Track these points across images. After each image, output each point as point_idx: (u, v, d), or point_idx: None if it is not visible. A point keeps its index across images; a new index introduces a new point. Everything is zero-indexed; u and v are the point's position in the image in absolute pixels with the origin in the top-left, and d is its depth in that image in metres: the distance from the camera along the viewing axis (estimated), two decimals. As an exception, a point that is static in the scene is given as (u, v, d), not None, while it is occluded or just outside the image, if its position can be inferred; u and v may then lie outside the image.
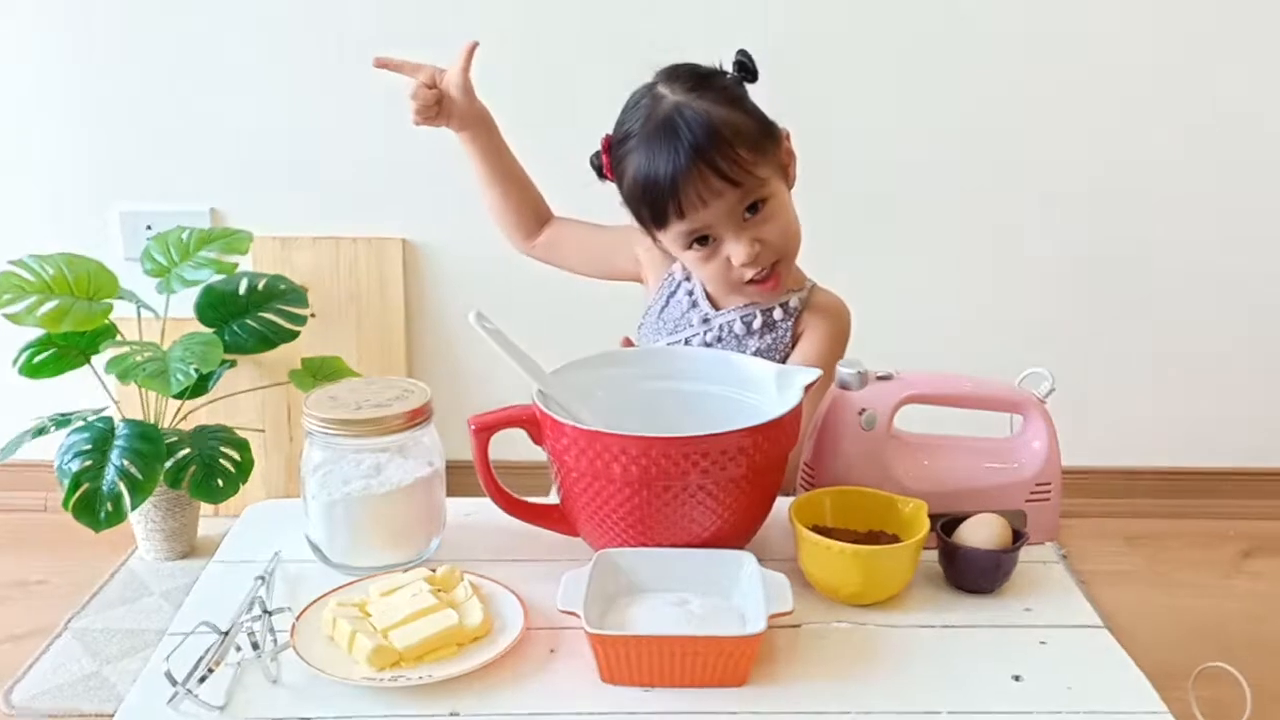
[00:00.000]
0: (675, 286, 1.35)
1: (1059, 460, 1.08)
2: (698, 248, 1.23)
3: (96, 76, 2.15)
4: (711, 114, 1.18)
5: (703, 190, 1.17)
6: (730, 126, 1.18)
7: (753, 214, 1.21)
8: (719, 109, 1.19)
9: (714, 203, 1.18)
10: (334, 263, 2.25)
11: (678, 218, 1.19)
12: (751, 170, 1.18)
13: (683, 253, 1.25)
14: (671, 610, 0.89)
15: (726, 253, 1.22)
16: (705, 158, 1.16)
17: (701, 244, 1.22)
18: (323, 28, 2.13)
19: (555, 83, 2.15)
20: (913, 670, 0.89)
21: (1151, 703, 0.86)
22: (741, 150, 1.18)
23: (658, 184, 1.18)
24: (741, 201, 1.19)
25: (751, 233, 1.21)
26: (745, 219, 1.20)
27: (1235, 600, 2.08)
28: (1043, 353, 2.10)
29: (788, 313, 1.29)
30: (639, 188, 1.21)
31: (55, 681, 1.78)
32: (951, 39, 2.14)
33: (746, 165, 1.18)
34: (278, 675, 0.87)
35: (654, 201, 1.20)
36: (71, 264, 1.92)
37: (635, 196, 1.22)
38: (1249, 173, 2.21)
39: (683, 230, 1.21)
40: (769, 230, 1.21)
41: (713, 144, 1.16)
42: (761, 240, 1.21)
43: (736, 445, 0.93)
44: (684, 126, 1.18)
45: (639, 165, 1.20)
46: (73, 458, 1.84)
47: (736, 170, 1.17)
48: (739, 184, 1.18)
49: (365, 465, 1.01)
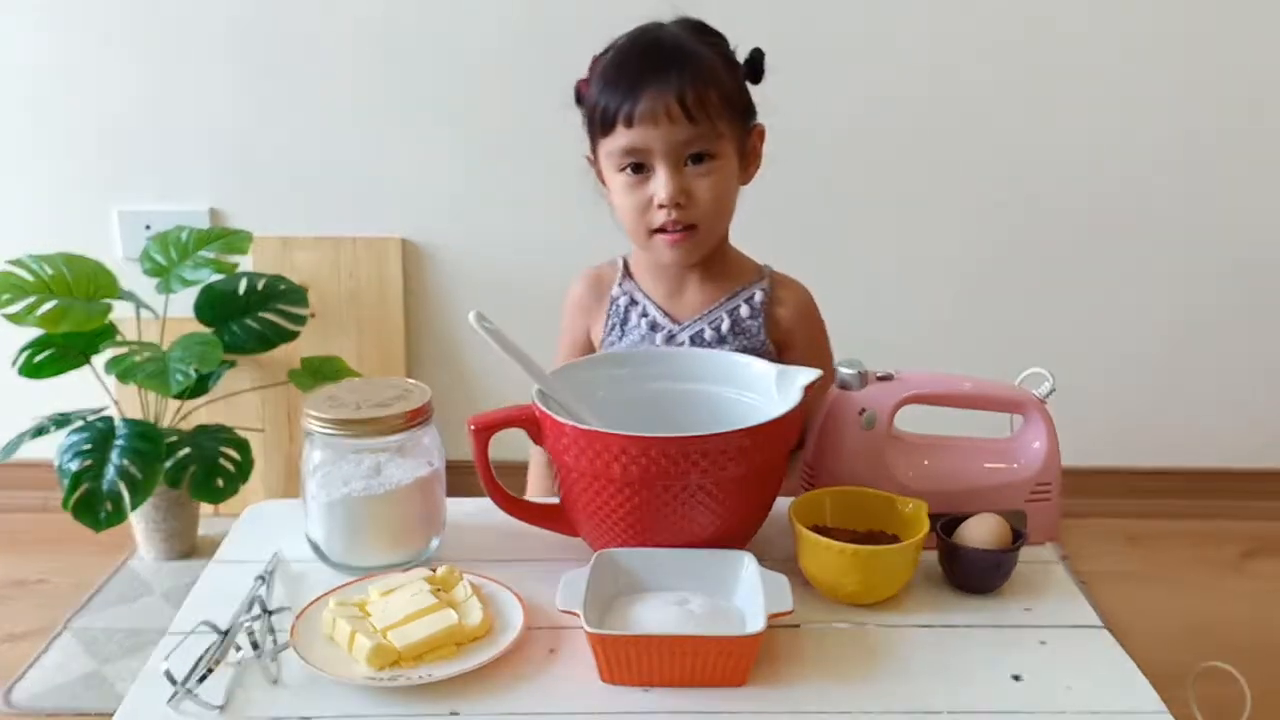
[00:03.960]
0: (623, 312, 1.31)
1: (1059, 460, 1.08)
2: (630, 174, 1.20)
3: (96, 76, 2.15)
4: (701, 53, 1.18)
5: (661, 108, 1.15)
6: (714, 73, 1.18)
7: (695, 164, 1.19)
8: (710, 55, 1.19)
9: (665, 127, 1.16)
10: (334, 263, 2.25)
11: (626, 125, 1.17)
12: (713, 120, 1.17)
13: (613, 175, 1.22)
14: (671, 610, 0.89)
15: (652, 189, 1.19)
16: (679, 80, 1.15)
17: (635, 171, 1.20)
18: (324, 28, 2.13)
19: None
20: (912, 670, 0.89)
21: (1151, 702, 0.86)
22: (714, 96, 1.17)
23: (623, 82, 1.17)
24: (690, 144, 1.17)
25: (685, 180, 1.19)
26: (685, 164, 1.19)
27: (1235, 600, 2.08)
28: (1043, 353, 2.11)
29: (754, 309, 1.28)
30: (605, 80, 1.19)
31: (55, 681, 1.78)
32: (948, 32, 2.14)
33: (711, 113, 1.17)
34: (278, 675, 0.87)
35: (612, 99, 1.17)
36: (71, 264, 1.92)
37: (597, 90, 1.20)
38: (1249, 170, 2.21)
39: (623, 145, 1.18)
40: (702, 187, 1.19)
41: (691, 74, 1.16)
42: (689, 193, 1.19)
43: (736, 445, 0.93)
44: (671, 48, 1.18)
45: (613, 62, 1.19)
46: (73, 457, 1.84)
47: (700, 110, 1.16)
48: (696, 122, 1.16)
49: (365, 465, 1.01)
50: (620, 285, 1.33)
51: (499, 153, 2.19)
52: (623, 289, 1.33)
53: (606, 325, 1.32)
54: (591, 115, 1.21)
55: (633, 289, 1.32)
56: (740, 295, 1.29)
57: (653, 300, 1.30)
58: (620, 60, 1.20)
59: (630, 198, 1.21)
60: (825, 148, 2.17)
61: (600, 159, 1.24)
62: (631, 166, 1.20)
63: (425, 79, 2.15)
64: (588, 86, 1.23)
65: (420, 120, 2.18)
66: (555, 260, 2.21)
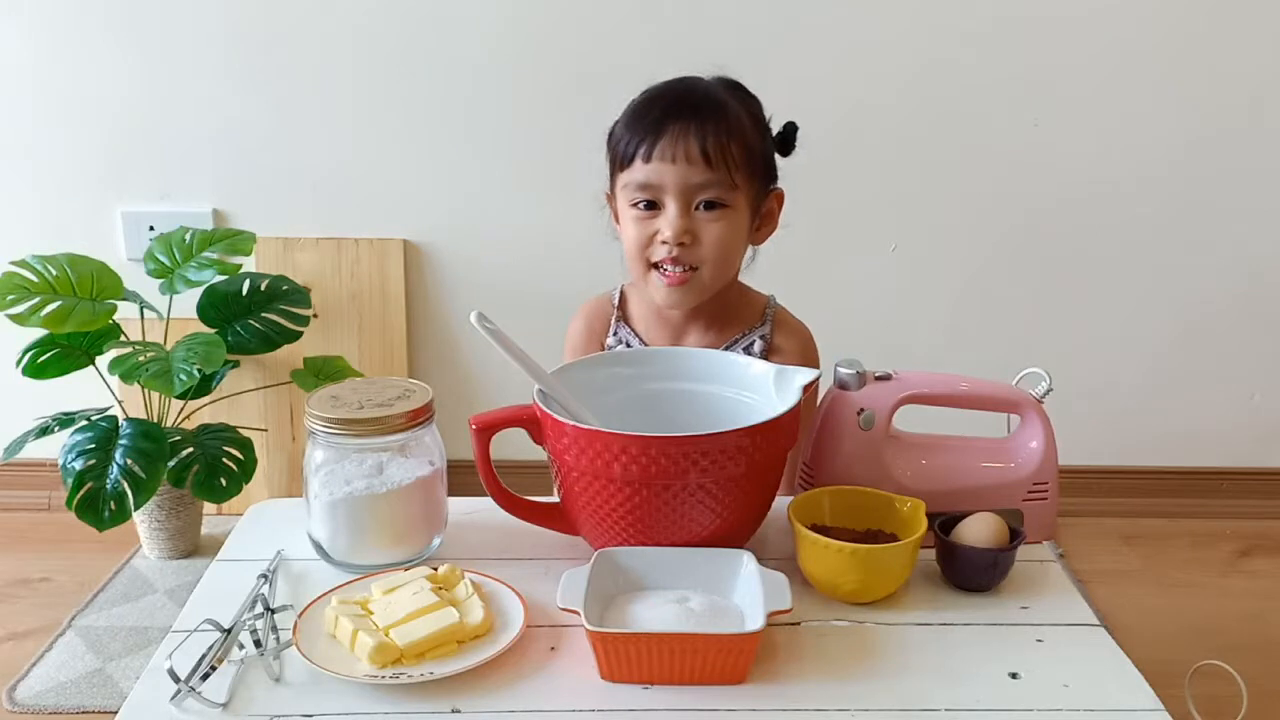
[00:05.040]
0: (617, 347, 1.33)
1: (1056, 459, 1.08)
2: (641, 209, 1.22)
3: (99, 77, 2.16)
4: (730, 105, 1.20)
5: (681, 148, 1.17)
6: (739, 126, 1.19)
7: (706, 209, 1.20)
8: (742, 113, 1.21)
9: (681, 167, 1.17)
10: (336, 263, 2.26)
11: (644, 160, 1.19)
12: (731, 171, 1.18)
13: (626, 209, 1.23)
14: (671, 608, 0.89)
15: (659, 225, 1.21)
16: (702, 125, 1.17)
17: (647, 207, 1.21)
18: (326, 28, 2.14)
19: (567, 90, 2.16)
20: (911, 668, 0.90)
21: (1148, 700, 0.86)
22: (736, 150, 1.18)
23: (649, 119, 1.19)
24: (703, 188, 1.19)
25: (692, 222, 1.20)
26: (697, 209, 1.20)
27: (1232, 599, 2.09)
28: (1041, 353, 2.11)
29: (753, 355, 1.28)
30: (632, 117, 1.21)
31: (59, 679, 1.79)
32: (947, 32, 2.14)
33: (730, 163, 1.18)
34: (280, 673, 0.88)
35: (635, 134, 1.20)
36: (75, 264, 1.92)
37: (623, 126, 1.22)
38: (1249, 170, 2.21)
39: (638, 179, 1.20)
40: (709, 232, 1.20)
41: (715, 122, 1.17)
42: (695, 235, 1.20)
43: (736, 445, 0.94)
44: (701, 95, 1.20)
45: (643, 101, 1.22)
46: (76, 457, 1.85)
47: (718, 157, 1.17)
48: (713, 168, 1.17)
49: (367, 464, 1.01)
50: (615, 333, 1.34)
51: (501, 155, 2.20)
52: (618, 337, 1.33)
53: None
54: (614, 149, 1.24)
55: (627, 335, 1.33)
56: (739, 344, 1.30)
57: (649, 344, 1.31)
58: (649, 99, 1.22)
59: (637, 230, 1.22)
60: (824, 147, 2.17)
61: (617, 193, 1.26)
62: (644, 202, 1.21)
63: (428, 81, 2.16)
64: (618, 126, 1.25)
65: (423, 122, 2.19)
66: (556, 261, 2.23)
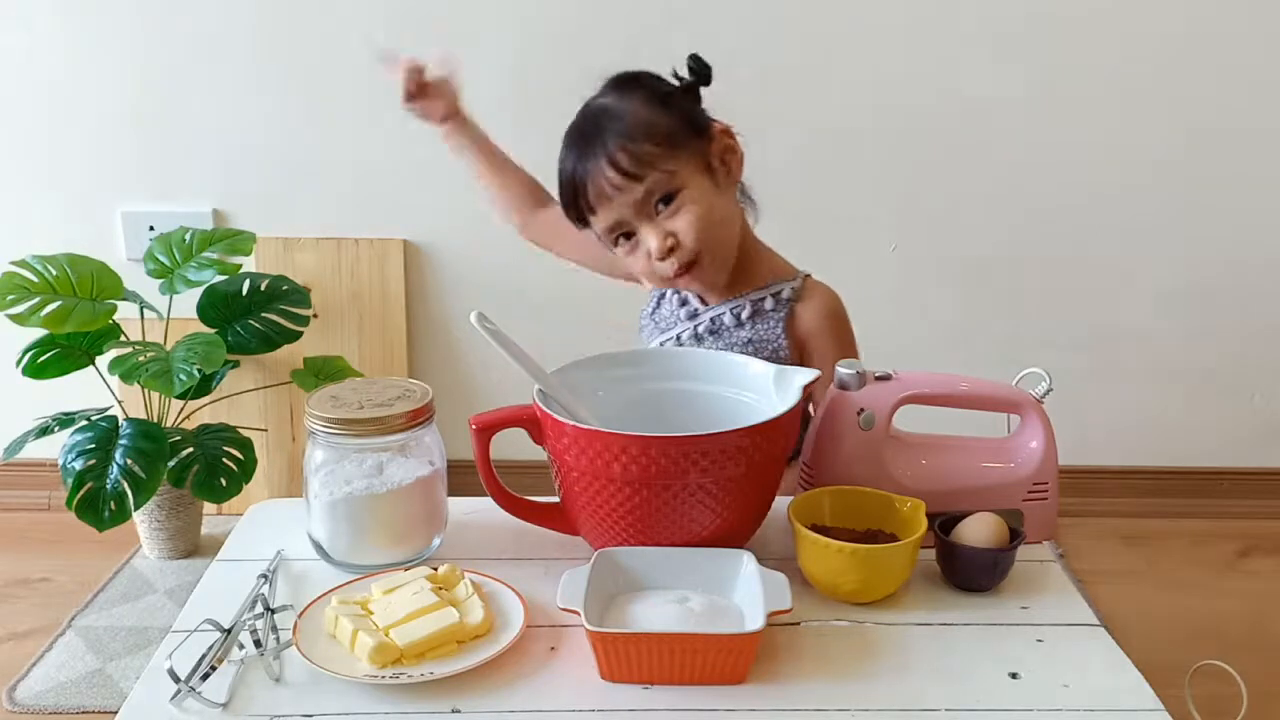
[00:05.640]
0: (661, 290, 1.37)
1: (1056, 460, 1.08)
2: (622, 243, 1.25)
3: (99, 77, 2.16)
4: (620, 111, 1.22)
5: (604, 185, 1.20)
6: (639, 123, 1.21)
7: (665, 205, 1.22)
8: (634, 107, 1.22)
9: (618, 197, 1.21)
10: (336, 263, 2.26)
11: (591, 213, 1.23)
12: (655, 165, 1.20)
13: (613, 248, 1.27)
14: (671, 608, 0.90)
15: (645, 247, 1.24)
16: (606, 154, 1.20)
17: (626, 239, 1.25)
18: (326, 28, 2.14)
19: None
20: (911, 668, 0.90)
21: (1148, 700, 0.86)
22: (646, 145, 1.20)
23: (571, 183, 1.23)
24: (650, 196, 1.21)
25: (663, 225, 1.22)
26: (658, 211, 1.22)
27: (1231, 599, 2.09)
28: (1040, 353, 2.11)
29: (779, 303, 1.31)
30: (560, 189, 1.25)
31: (59, 679, 1.79)
32: (946, 31, 2.14)
33: (650, 159, 1.20)
34: (280, 673, 0.88)
35: (571, 200, 1.24)
36: (75, 264, 1.92)
37: (561, 199, 1.26)
38: (1249, 170, 2.21)
39: (602, 227, 1.25)
40: (679, 222, 1.22)
41: (613, 140, 1.20)
42: (673, 233, 1.22)
43: (736, 445, 0.94)
44: (591, 126, 1.22)
45: (561, 168, 1.25)
46: (76, 457, 1.85)
47: (637, 165, 1.19)
48: (639, 178, 1.20)
49: (367, 464, 1.01)
50: None
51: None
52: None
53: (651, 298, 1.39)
54: (570, 217, 1.27)
55: None
56: (768, 289, 1.32)
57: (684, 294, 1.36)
58: (562, 154, 1.25)
59: (635, 261, 1.27)
60: (823, 147, 2.17)
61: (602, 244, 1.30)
62: (620, 237, 1.25)
63: (427, 80, 2.16)
64: None
65: (422, 122, 2.18)
66: (556, 262, 2.22)
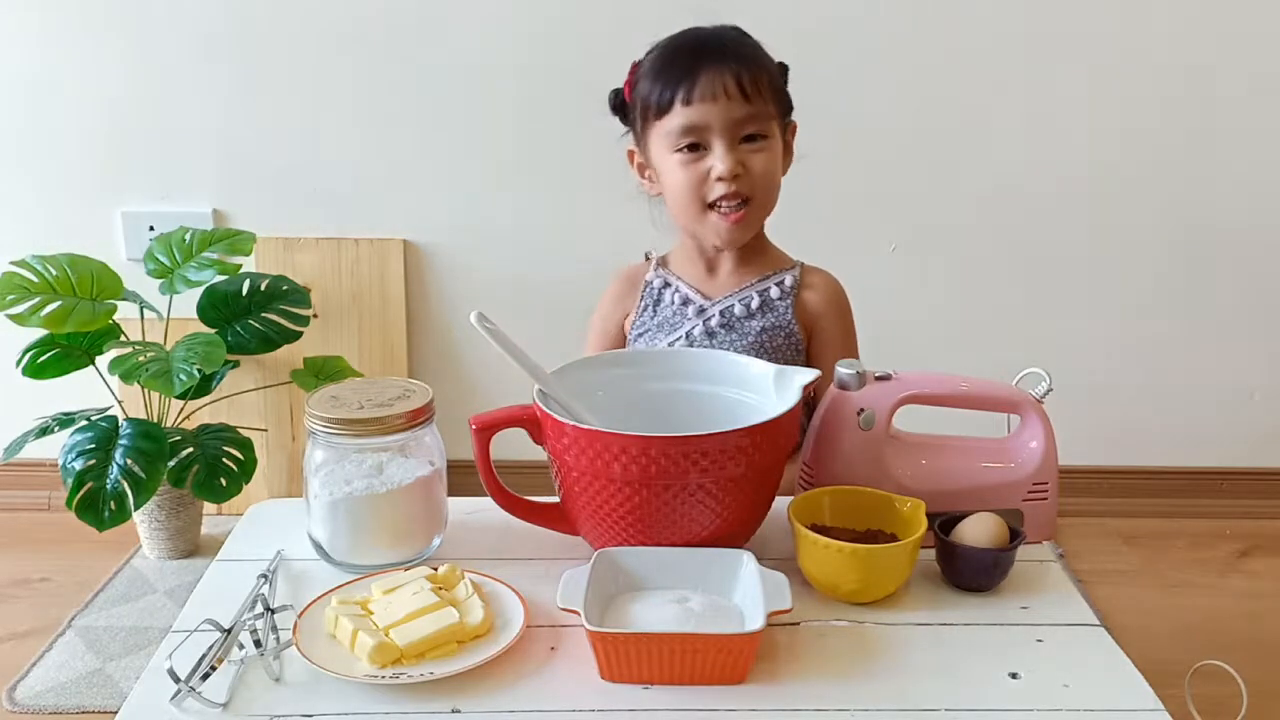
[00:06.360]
0: (657, 293, 1.36)
1: (1056, 460, 1.08)
2: (686, 152, 1.23)
3: (99, 77, 2.16)
4: (751, 43, 1.25)
5: (720, 86, 1.20)
6: (766, 64, 1.24)
7: (749, 143, 1.23)
8: (761, 51, 1.25)
9: (723, 103, 1.20)
10: (336, 263, 2.26)
11: (684, 104, 1.21)
12: (766, 102, 1.22)
13: (667, 156, 1.25)
14: (671, 608, 0.89)
15: (709, 164, 1.23)
16: (737, 61, 1.20)
17: (691, 150, 1.23)
18: (326, 28, 2.14)
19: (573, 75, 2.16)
20: (911, 668, 0.90)
21: (1148, 700, 0.86)
22: (766, 81, 1.22)
23: (678, 66, 1.21)
24: (745, 123, 1.22)
25: (741, 155, 1.23)
26: (740, 142, 1.23)
27: (1232, 599, 2.09)
28: (1041, 353, 2.11)
29: (784, 291, 1.32)
30: (657, 69, 1.23)
31: (59, 679, 1.79)
32: (946, 31, 2.14)
33: (764, 94, 1.22)
34: (280, 673, 0.88)
35: (668, 82, 1.22)
36: (75, 265, 1.92)
37: (648, 82, 1.23)
38: (1249, 171, 2.21)
39: (681, 123, 1.22)
40: (757, 162, 1.23)
41: (743, 58, 1.21)
42: (746, 166, 1.23)
43: (736, 445, 0.94)
44: (727, 36, 1.24)
45: (662, 55, 1.24)
46: (76, 457, 1.85)
47: (754, 90, 1.21)
48: (751, 101, 1.21)
49: (367, 464, 1.01)
50: (654, 271, 1.37)
51: (500, 155, 2.20)
52: (656, 274, 1.37)
53: (639, 308, 1.36)
54: (645, 104, 1.25)
55: (666, 274, 1.37)
56: (771, 279, 1.33)
57: (685, 281, 1.35)
58: (670, 52, 1.24)
59: (686, 173, 1.24)
60: (824, 147, 2.16)
61: (651, 146, 1.27)
62: (689, 146, 1.23)
63: (428, 81, 2.16)
64: (632, 89, 1.27)
65: (422, 122, 2.19)
66: (556, 261, 2.23)
